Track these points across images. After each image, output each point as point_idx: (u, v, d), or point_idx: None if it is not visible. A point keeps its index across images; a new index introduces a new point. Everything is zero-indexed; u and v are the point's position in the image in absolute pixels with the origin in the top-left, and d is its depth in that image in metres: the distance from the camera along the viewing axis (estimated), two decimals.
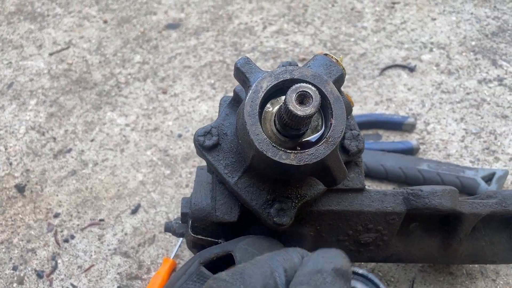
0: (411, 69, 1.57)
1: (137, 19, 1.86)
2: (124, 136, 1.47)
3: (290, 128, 0.66)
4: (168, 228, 1.00)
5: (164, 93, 1.58)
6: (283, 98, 0.65)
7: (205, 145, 0.80)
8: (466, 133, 1.39)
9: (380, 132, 1.42)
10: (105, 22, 1.86)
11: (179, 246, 1.19)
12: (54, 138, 1.48)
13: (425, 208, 0.85)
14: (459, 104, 1.46)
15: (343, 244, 0.92)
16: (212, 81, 1.61)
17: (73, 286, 1.17)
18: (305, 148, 0.66)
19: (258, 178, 0.79)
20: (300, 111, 0.60)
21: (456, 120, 1.42)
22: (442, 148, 1.36)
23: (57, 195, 1.34)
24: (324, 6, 1.83)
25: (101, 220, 1.29)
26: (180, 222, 0.98)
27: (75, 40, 1.80)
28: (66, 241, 1.25)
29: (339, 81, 0.73)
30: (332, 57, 0.73)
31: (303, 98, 0.61)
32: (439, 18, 1.74)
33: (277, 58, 1.66)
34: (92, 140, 1.47)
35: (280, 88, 0.69)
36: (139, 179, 1.36)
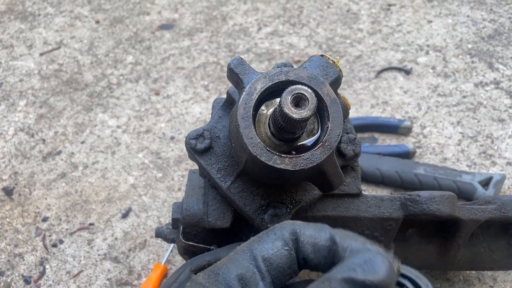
0: (407, 72, 1.56)
1: (130, 19, 1.83)
2: (116, 138, 1.44)
3: (285, 132, 0.64)
4: (159, 234, 0.97)
5: (157, 95, 1.56)
6: (278, 101, 0.63)
7: (197, 149, 0.78)
8: (463, 137, 1.37)
9: (376, 136, 1.40)
10: (97, 22, 1.83)
11: (171, 252, 1.16)
12: (44, 140, 1.45)
13: (423, 214, 0.83)
14: (456, 108, 1.45)
15: None
16: (206, 83, 1.58)
17: None
18: (301, 152, 0.64)
19: (252, 183, 0.77)
20: (296, 114, 0.58)
21: (453, 124, 1.40)
22: (439, 152, 1.34)
23: (46, 199, 1.31)
24: (320, 8, 1.82)
25: (91, 224, 1.25)
26: (171, 228, 0.95)
27: (67, 40, 1.77)
28: (55, 246, 1.22)
29: (336, 83, 0.70)
30: (329, 59, 0.71)
31: (299, 101, 0.59)
32: (435, 21, 1.72)
33: (272, 60, 1.64)
34: (83, 142, 1.43)
35: (275, 90, 0.67)
36: (130, 182, 1.33)
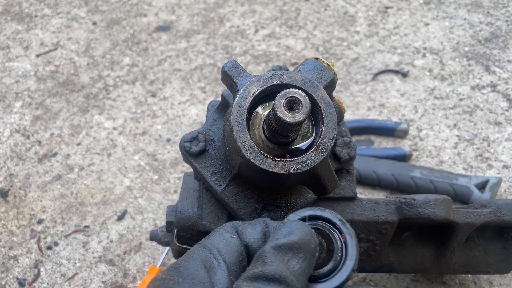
0: (404, 74, 1.56)
1: (127, 21, 1.83)
2: (112, 140, 1.44)
3: (279, 135, 0.64)
4: (154, 237, 0.97)
5: (153, 96, 1.55)
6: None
7: (192, 152, 0.78)
8: (459, 140, 1.37)
9: (373, 138, 1.40)
10: (94, 24, 1.82)
11: (166, 254, 1.16)
12: (39, 142, 1.44)
13: (418, 218, 0.83)
14: (452, 110, 1.45)
15: None
16: (203, 85, 1.58)
17: None
18: (295, 156, 0.64)
19: (246, 186, 0.76)
20: (289, 118, 0.58)
21: (449, 127, 1.40)
22: (435, 155, 1.34)
23: (41, 201, 1.31)
24: (317, 10, 1.82)
25: (86, 227, 1.25)
26: (166, 231, 0.95)
27: (63, 42, 1.76)
28: (50, 248, 1.21)
29: (331, 87, 0.70)
30: (324, 62, 0.71)
31: (293, 104, 0.59)
32: (432, 23, 1.73)
33: (269, 62, 1.64)
34: (79, 144, 1.43)
35: (269, 93, 0.67)
36: (126, 185, 1.33)
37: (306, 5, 1.84)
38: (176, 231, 0.83)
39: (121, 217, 1.26)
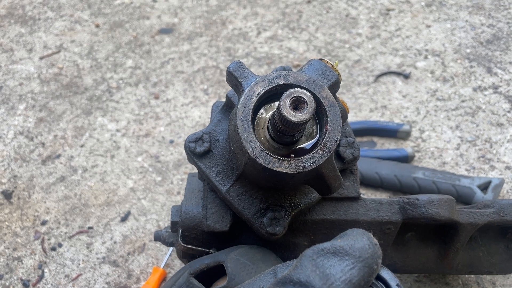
0: (406, 76, 1.56)
1: (130, 24, 1.84)
2: (115, 142, 1.44)
3: (284, 135, 0.64)
4: (158, 237, 0.97)
5: (156, 98, 1.56)
6: (277, 104, 0.63)
7: (196, 152, 0.78)
8: (462, 141, 1.37)
9: (375, 140, 1.40)
10: (97, 26, 1.83)
11: (170, 255, 1.16)
12: (43, 144, 1.45)
13: (422, 218, 0.83)
14: (454, 112, 1.45)
15: None
16: (205, 87, 1.59)
17: None
18: (299, 156, 0.64)
19: (251, 186, 0.77)
20: (294, 117, 0.58)
21: (452, 128, 1.41)
22: (438, 156, 1.34)
23: (45, 202, 1.31)
24: (319, 13, 1.82)
25: (90, 228, 1.25)
26: (170, 231, 0.95)
27: (66, 44, 1.77)
28: (54, 250, 1.22)
29: (335, 87, 0.71)
30: (328, 62, 0.71)
31: (298, 104, 0.59)
32: (434, 25, 1.73)
33: (271, 64, 1.64)
34: (82, 146, 1.44)
35: (274, 94, 0.67)
36: (130, 186, 1.33)
37: (308, 8, 1.85)
38: (181, 231, 0.83)
39: (125, 218, 1.26)
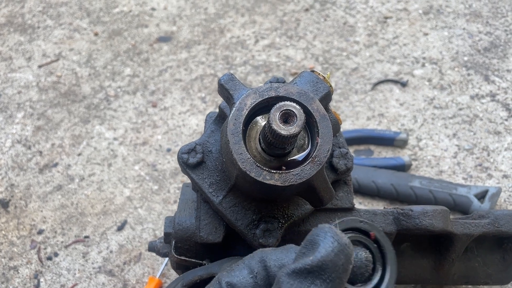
0: (403, 84, 1.56)
1: (128, 32, 1.85)
2: (112, 150, 1.44)
3: (275, 147, 0.64)
4: (152, 248, 0.97)
5: (154, 107, 1.56)
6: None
7: (189, 163, 0.78)
8: (459, 149, 1.37)
9: (372, 148, 1.40)
10: (96, 35, 1.84)
11: (166, 265, 1.16)
12: (41, 152, 1.45)
13: (416, 229, 0.83)
14: (452, 120, 1.45)
15: None
16: (203, 95, 1.59)
17: None
18: (291, 168, 0.64)
19: (244, 198, 0.77)
20: (284, 131, 0.58)
21: (449, 136, 1.40)
22: (435, 165, 1.34)
23: (42, 211, 1.31)
24: (317, 21, 1.83)
25: (86, 237, 1.25)
26: (164, 242, 0.95)
27: (65, 53, 1.78)
28: (50, 259, 1.21)
29: (326, 99, 0.71)
30: (319, 74, 0.71)
31: (287, 117, 0.59)
32: (431, 33, 1.73)
33: (269, 72, 1.65)
34: (79, 154, 1.44)
35: (266, 106, 0.67)
36: (126, 195, 1.33)
37: (306, 16, 1.85)
38: (174, 242, 0.83)
39: (121, 228, 1.26)
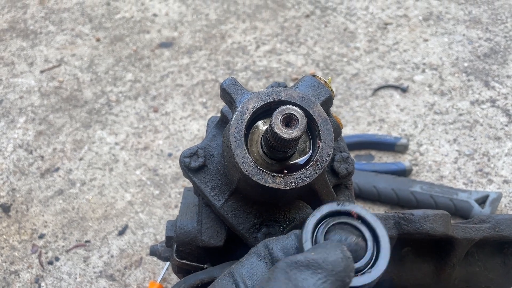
0: (404, 90, 1.57)
1: (130, 38, 1.86)
2: (113, 155, 1.45)
3: (277, 151, 0.65)
4: (153, 252, 0.97)
5: (155, 112, 1.57)
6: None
7: (191, 167, 0.78)
8: (459, 155, 1.37)
9: (373, 153, 1.40)
10: (98, 40, 1.85)
11: (166, 269, 1.16)
12: (42, 157, 1.46)
13: (417, 233, 0.83)
14: (452, 125, 1.45)
15: None
16: (204, 100, 1.60)
17: None
18: (293, 171, 0.64)
19: (245, 201, 0.77)
20: (286, 134, 0.59)
21: (449, 141, 1.41)
22: (435, 170, 1.34)
23: (43, 215, 1.31)
24: (317, 27, 1.84)
25: (87, 242, 1.25)
26: (166, 246, 0.95)
27: (67, 58, 1.79)
28: (51, 263, 1.21)
29: (328, 103, 0.71)
30: (320, 79, 0.72)
31: (289, 121, 0.60)
32: (431, 39, 1.74)
33: (270, 78, 1.66)
34: (81, 159, 1.44)
35: (268, 110, 0.68)
36: (127, 199, 1.33)
37: (307, 22, 1.86)
38: (176, 246, 0.83)
39: (122, 232, 1.26)
